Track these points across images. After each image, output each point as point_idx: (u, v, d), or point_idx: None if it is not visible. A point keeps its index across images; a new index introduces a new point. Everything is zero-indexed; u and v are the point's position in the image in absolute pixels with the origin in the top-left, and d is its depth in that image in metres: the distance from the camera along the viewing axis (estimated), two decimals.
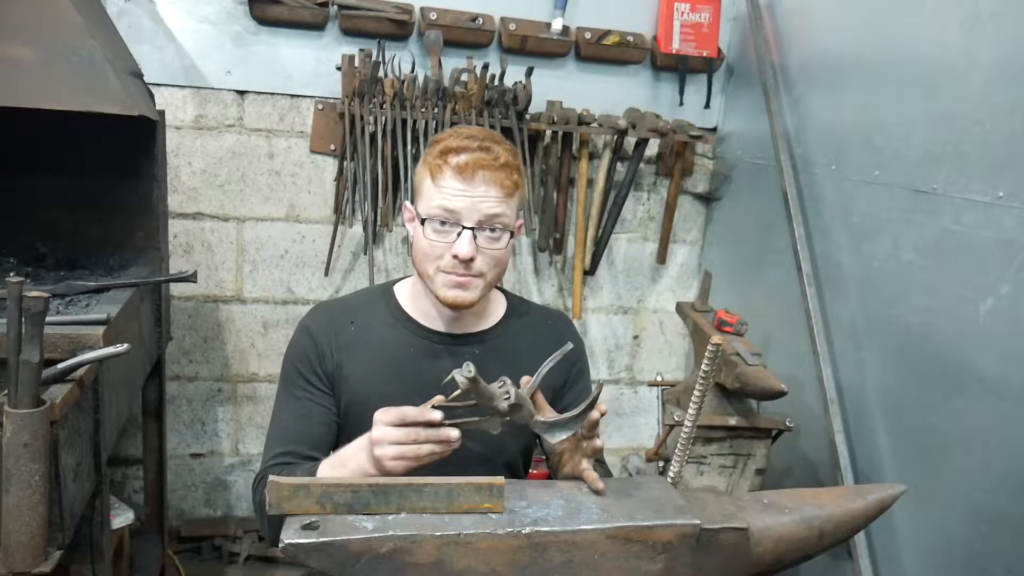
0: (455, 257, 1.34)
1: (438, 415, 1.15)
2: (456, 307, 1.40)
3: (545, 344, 1.51)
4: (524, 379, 1.28)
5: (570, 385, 1.57)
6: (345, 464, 1.25)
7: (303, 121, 2.76)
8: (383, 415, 1.19)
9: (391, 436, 1.17)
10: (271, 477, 1.07)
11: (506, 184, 1.35)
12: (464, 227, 1.34)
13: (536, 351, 1.49)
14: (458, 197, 1.33)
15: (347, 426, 1.43)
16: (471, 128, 1.42)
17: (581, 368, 1.60)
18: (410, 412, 1.17)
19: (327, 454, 1.39)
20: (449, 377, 1.12)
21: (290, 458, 1.36)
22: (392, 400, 1.39)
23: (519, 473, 1.56)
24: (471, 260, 1.35)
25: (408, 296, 1.50)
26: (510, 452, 1.52)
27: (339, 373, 1.43)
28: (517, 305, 1.59)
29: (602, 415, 1.24)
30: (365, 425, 1.38)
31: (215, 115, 2.70)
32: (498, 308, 1.55)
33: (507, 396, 1.16)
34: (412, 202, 1.44)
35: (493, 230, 1.36)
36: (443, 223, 1.35)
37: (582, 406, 1.21)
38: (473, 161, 1.33)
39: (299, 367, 1.44)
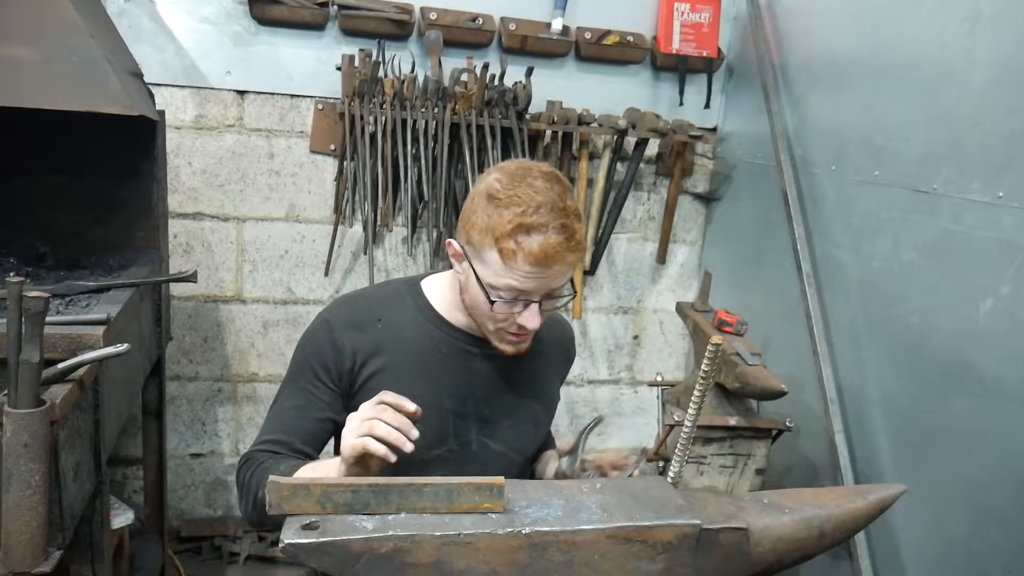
0: (522, 326, 1.33)
1: (412, 406, 1.16)
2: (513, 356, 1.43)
3: (556, 347, 1.59)
4: (566, 443, 1.43)
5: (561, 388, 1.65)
6: (317, 469, 1.26)
7: (303, 121, 2.76)
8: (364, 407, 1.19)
9: (363, 411, 1.17)
10: (271, 477, 1.07)
11: (577, 257, 1.31)
12: (533, 300, 1.31)
13: (550, 353, 1.56)
14: (531, 279, 1.28)
15: None
16: (540, 189, 1.27)
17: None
18: (388, 395, 1.18)
19: (317, 450, 1.39)
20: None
21: (280, 448, 1.35)
22: (419, 396, 1.40)
23: (527, 474, 1.58)
24: None
25: (439, 297, 1.47)
26: (530, 452, 1.55)
27: (359, 372, 1.40)
28: None
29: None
30: None
31: (215, 115, 2.70)
32: None
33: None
34: (465, 246, 1.34)
35: (559, 296, 1.35)
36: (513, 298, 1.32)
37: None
38: (552, 251, 1.25)
39: (311, 360, 1.41)
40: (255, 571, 2.78)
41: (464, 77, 2.74)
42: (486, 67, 2.67)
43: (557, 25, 2.80)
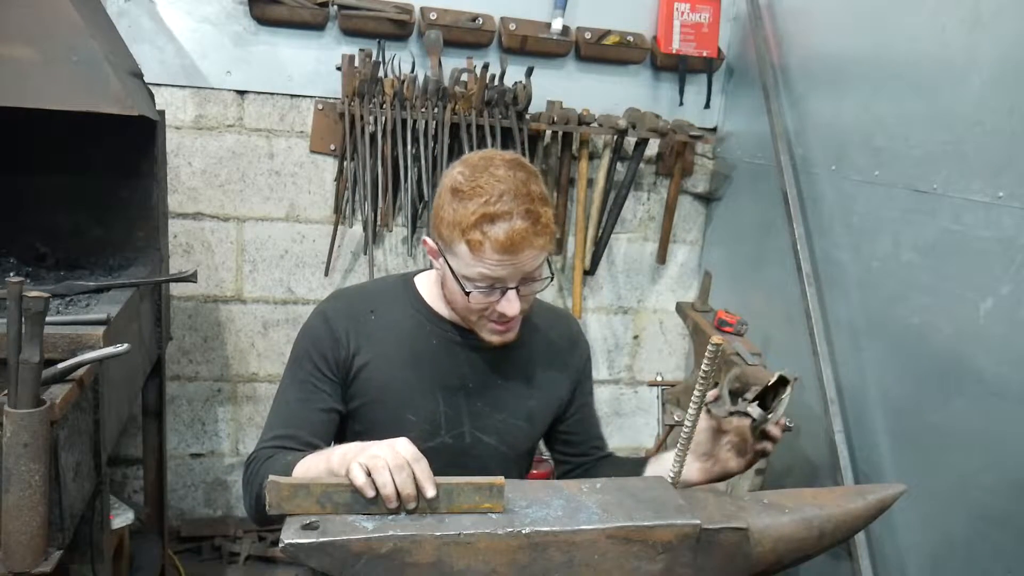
0: (503, 314, 1.34)
1: (432, 492, 1.09)
2: (501, 346, 1.42)
3: (558, 342, 1.57)
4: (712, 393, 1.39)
5: (579, 387, 1.61)
6: (317, 458, 1.21)
7: (303, 121, 2.76)
8: (405, 442, 1.12)
9: (384, 448, 1.10)
10: (271, 477, 1.07)
11: (547, 240, 1.31)
12: (509, 287, 1.32)
13: (550, 347, 1.55)
14: (502, 267, 1.29)
15: (363, 411, 1.43)
16: (502, 177, 1.28)
17: (589, 370, 1.64)
18: (420, 465, 1.10)
19: (325, 441, 1.38)
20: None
21: (289, 442, 1.35)
22: (412, 387, 1.41)
23: (524, 471, 1.58)
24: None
25: (429, 290, 1.49)
26: (524, 448, 1.54)
27: (354, 361, 1.41)
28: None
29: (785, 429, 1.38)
30: (383, 410, 1.40)
31: (215, 115, 2.70)
32: None
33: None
34: (438, 242, 1.35)
35: (535, 279, 1.35)
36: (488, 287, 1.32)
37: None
38: (518, 237, 1.26)
39: (310, 351, 1.42)
40: (255, 571, 2.77)
41: (464, 77, 2.74)
42: (486, 67, 2.67)
43: (557, 25, 2.80)
